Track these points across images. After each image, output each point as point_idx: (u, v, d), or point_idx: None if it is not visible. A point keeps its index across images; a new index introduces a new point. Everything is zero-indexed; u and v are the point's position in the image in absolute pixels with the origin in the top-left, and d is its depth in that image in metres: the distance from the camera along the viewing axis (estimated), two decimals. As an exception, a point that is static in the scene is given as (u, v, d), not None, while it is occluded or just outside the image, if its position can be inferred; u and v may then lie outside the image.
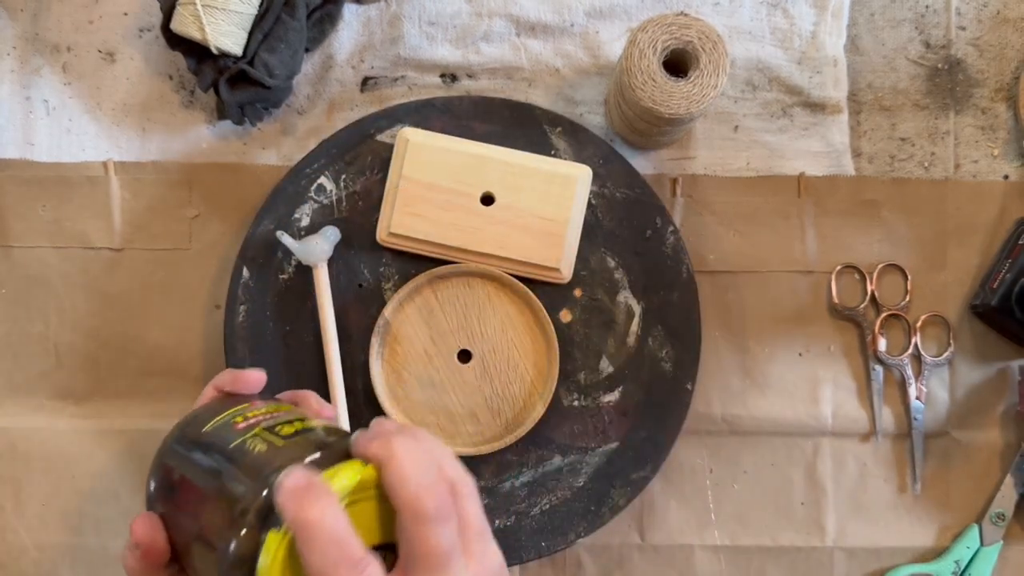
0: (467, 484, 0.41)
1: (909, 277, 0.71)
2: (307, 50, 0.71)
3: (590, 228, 0.68)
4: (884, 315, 0.70)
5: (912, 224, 0.71)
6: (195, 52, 0.67)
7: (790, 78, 0.72)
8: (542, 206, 0.67)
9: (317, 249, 0.66)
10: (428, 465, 0.39)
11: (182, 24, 0.65)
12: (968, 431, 0.70)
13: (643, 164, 0.71)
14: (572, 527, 0.67)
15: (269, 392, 0.68)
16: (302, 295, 0.68)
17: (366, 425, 0.42)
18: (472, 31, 0.72)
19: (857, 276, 0.71)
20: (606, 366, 0.68)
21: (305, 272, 0.68)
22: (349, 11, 0.72)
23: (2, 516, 0.69)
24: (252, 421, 0.44)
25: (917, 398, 0.70)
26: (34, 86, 0.72)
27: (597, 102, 0.72)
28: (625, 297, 0.68)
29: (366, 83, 0.72)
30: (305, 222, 0.68)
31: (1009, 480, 0.69)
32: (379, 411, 0.66)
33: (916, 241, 0.71)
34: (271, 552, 0.37)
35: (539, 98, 0.72)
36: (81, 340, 0.70)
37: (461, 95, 0.70)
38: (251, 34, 0.67)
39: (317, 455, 0.40)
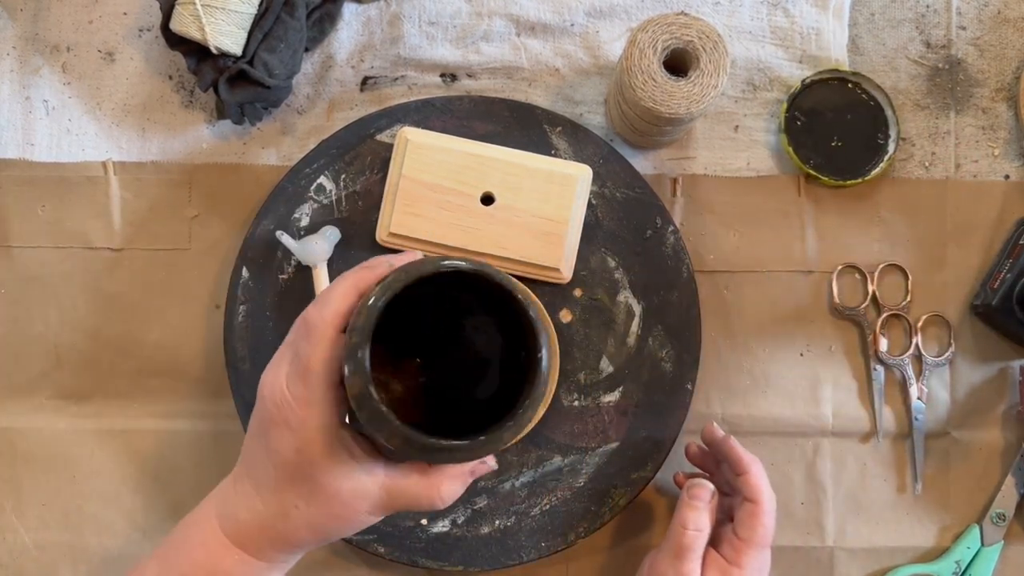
0: None
1: (910, 277, 0.71)
2: (307, 50, 0.71)
3: (590, 228, 0.68)
4: (885, 315, 0.70)
5: (912, 224, 0.71)
6: (195, 52, 0.67)
7: (791, 78, 0.72)
8: (542, 206, 0.67)
9: (317, 249, 0.66)
10: None
11: (182, 24, 0.65)
12: (969, 431, 0.70)
13: (643, 164, 0.71)
14: (572, 527, 0.67)
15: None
16: (302, 295, 0.68)
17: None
18: (472, 31, 0.72)
19: (858, 276, 0.71)
20: (606, 366, 0.68)
21: (305, 272, 0.68)
22: (349, 11, 0.72)
23: (2, 516, 0.69)
24: None
25: (918, 398, 0.70)
26: (34, 86, 0.72)
27: (597, 102, 0.72)
28: (625, 297, 0.68)
29: (366, 83, 0.72)
30: (305, 222, 0.68)
31: (1010, 480, 0.69)
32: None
33: (916, 241, 0.71)
34: None
35: (539, 98, 0.72)
36: (81, 340, 0.70)
37: (461, 95, 0.70)
38: (251, 34, 0.67)
39: None
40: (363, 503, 0.47)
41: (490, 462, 0.52)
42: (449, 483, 0.49)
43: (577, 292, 0.68)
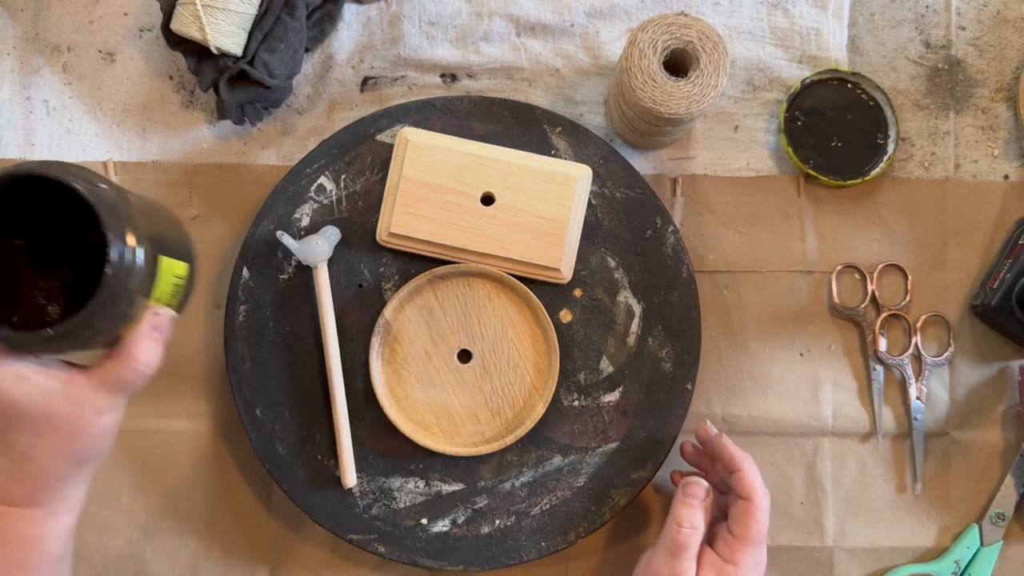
0: None
1: (909, 277, 0.71)
2: (307, 50, 0.71)
3: (590, 228, 0.68)
4: (884, 315, 0.70)
5: (912, 224, 0.71)
6: (195, 52, 0.67)
7: (791, 78, 0.72)
8: (542, 206, 0.67)
9: (317, 249, 0.66)
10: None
11: (182, 24, 0.65)
12: (968, 431, 0.70)
13: (643, 164, 0.71)
14: (572, 527, 0.67)
15: (269, 397, 0.68)
16: (302, 295, 0.68)
17: (367, 429, 0.42)
18: (472, 31, 0.72)
19: (857, 276, 0.71)
20: (606, 366, 0.68)
21: (305, 272, 0.68)
22: (349, 11, 0.72)
23: (2, 516, 0.69)
24: None
25: (917, 398, 0.70)
26: (34, 86, 0.72)
27: (597, 102, 0.72)
28: (625, 297, 0.68)
29: (366, 83, 0.72)
30: (305, 222, 0.68)
31: (1009, 480, 0.69)
32: (379, 411, 0.66)
33: (916, 241, 0.71)
34: None
35: (539, 98, 0.72)
36: (81, 340, 0.70)
37: (461, 95, 0.70)
38: (251, 34, 0.67)
39: None
40: (82, 408, 0.48)
41: (162, 312, 0.51)
42: (138, 349, 0.50)
43: (577, 292, 0.68)
